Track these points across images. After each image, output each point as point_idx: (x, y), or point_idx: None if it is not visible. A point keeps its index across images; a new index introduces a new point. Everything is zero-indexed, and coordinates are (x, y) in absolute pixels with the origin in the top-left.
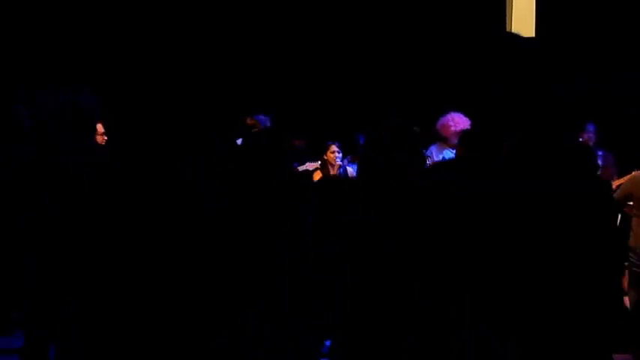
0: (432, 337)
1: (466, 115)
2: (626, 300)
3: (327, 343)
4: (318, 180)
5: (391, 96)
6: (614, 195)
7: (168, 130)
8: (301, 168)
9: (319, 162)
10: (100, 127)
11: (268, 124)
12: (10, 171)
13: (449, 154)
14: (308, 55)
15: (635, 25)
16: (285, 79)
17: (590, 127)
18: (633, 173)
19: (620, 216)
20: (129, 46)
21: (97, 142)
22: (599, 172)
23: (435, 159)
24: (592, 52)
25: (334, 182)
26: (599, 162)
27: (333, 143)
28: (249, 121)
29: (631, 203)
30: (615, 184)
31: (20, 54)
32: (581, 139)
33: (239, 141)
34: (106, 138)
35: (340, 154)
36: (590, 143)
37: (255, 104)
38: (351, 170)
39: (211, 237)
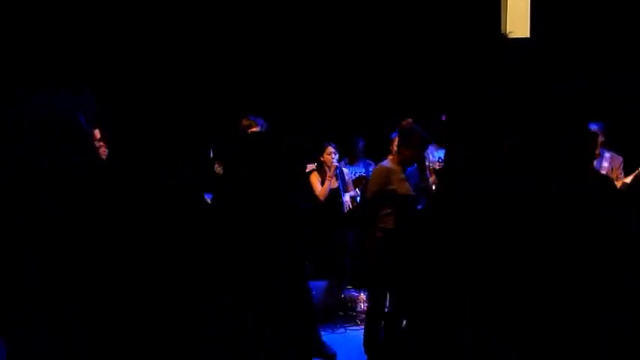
0: (432, 337)
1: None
2: None
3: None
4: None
5: (389, 97)
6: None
7: (168, 130)
8: None
9: (316, 163)
10: (96, 133)
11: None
12: (10, 171)
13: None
14: (305, 57)
15: (635, 25)
16: (282, 80)
17: (594, 127)
18: None
19: None
20: (129, 46)
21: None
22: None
23: (432, 159)
24: (592, 52)
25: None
26: (607, 164)
27: (330, 145)
28: (244, 121)
29: None
30: (619, 184)
31: (20, 54)
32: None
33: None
34: (102, 144)
35: (337, 156)
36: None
37: (254, 105)
38: (346, 172)
39: (211, 237)
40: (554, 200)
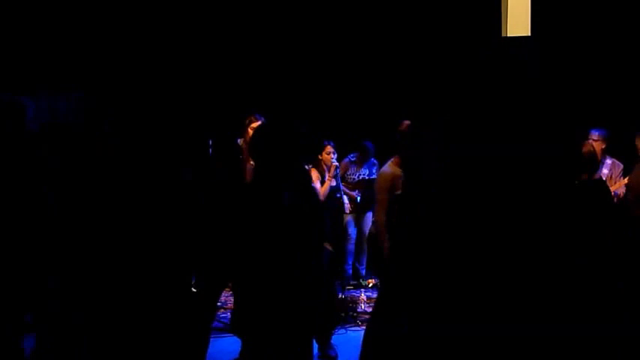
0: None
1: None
2: None
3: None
4: None
5: (389, 96)
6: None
7: (168, 130)
8: None
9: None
10: None
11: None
12: (12, 171)
13: None
14: (306, 56)
15: (635, 25)
16: (282, 79)
17: (595, 132)
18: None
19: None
20: (129, 46)
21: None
22: (604, 180)
23: None
24: (592, 53)
25: None
26: (606, 170)
27: (329, 143)
28: (247, 119)
29: None
30: (616, 186)
31: (21, 54)
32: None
33: (239, 140)
34: None
35: (335, 155)
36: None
37: (254, 105)
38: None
39: (211, 237)
40: (554, 202)
